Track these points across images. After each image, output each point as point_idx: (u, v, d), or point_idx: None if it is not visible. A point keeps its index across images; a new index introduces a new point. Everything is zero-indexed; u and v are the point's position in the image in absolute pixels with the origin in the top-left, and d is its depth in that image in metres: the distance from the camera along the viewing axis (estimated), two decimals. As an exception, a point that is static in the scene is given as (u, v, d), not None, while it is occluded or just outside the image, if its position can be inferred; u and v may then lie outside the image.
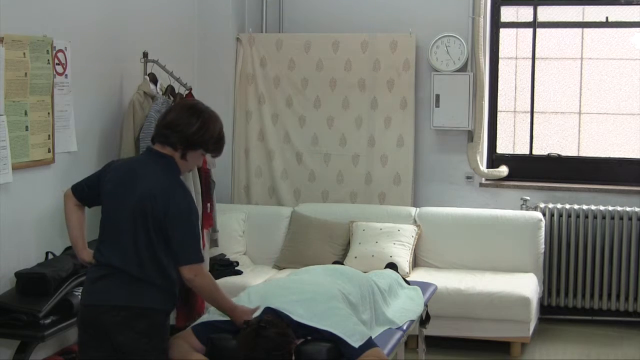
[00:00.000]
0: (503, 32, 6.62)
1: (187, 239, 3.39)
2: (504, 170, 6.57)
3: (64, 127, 4.85)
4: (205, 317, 3.67)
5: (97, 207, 3.63)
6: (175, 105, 3.64)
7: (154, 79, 5.42)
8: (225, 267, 5.84)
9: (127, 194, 3.43)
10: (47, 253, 4.60)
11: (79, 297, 3.84)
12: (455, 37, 6.37)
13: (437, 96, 6.38)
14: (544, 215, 6.23)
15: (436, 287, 4.93)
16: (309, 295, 3.61)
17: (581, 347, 5.87)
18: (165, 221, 3.37)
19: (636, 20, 6.41)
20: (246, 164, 6.72)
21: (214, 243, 5.67)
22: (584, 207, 6.27)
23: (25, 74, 4.49)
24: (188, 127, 3.46)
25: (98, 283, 3.44)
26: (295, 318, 3.47)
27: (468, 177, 6.57)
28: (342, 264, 5.50)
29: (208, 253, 5.56)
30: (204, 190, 5.45)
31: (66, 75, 4.85)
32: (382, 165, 6.53)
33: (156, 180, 3.43)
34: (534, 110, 6.62)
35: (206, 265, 5.58)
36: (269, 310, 3.51)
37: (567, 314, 6.38)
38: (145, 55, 5.45)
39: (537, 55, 6.55)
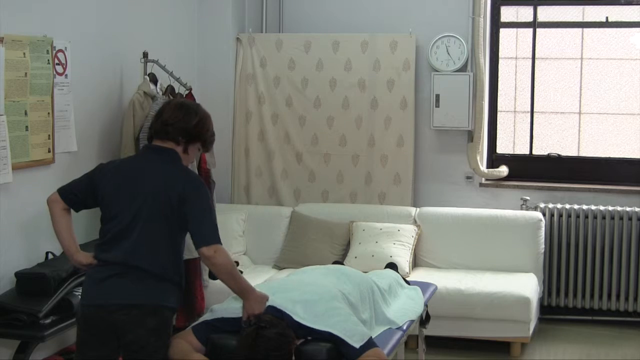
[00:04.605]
0: (503, 32, 6.62)
1: (204, 220, 3.43)
2: (504, 170, 6.57)
3: (64, 127, 4.85)
4: (205, 317, 3.67)
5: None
6: (164, 106, 3.66)
7: (154, 79, 5.42)
8: (225, 267, 5.83)
9: (138, 192, 3.45)
10: (47, 253, 4.60)
11: (79, 297, 3.84)
12: (455, 37, 6.37)
13: (437, 96, 6.38)
14: (544, 215, 6.23)
15: (436, 287, 4.93)
16: (309, 296, 3.61)
17: (581, 347, 5.87)
18: (184, 207, 3.42)
19: (636, 20, 6.41)
20: (246, 164, 6.72)
21: (214, 243, 5.67)
22: (584, 207, 6.27)
23: (25, 74, 4.49)
24: (188, 121, 3.54)
25: (106, 282, 3.44)
26: (295, 318, 3.47)
27: (468, 177, 6.57)
28: (342, 264, 5.50)
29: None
30: (204, 190, 5.45)
31: (66, 75, 4.86)
32: (382, 165, 6.53)
33: (167, 172, 3.49)
34: (534, 110, 6.61)
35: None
36: (271, 309, 3.51)
37: (567, 314, 6.37)
38: (145, 55, 5.45)
39: (537, 55, 6.55)
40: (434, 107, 6.39)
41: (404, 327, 4.08)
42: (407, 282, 4.64)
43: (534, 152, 6.64)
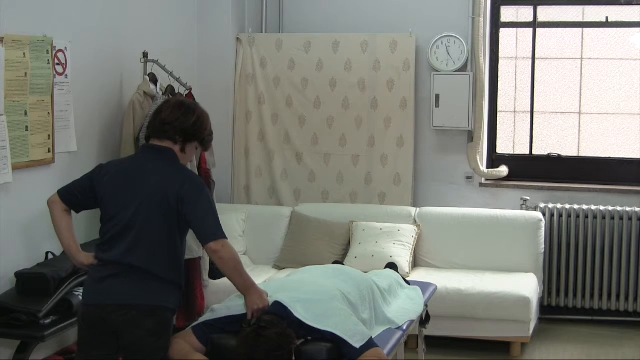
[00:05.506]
0: (503, 32, 6.62)
1: (207, 216, 3.44)
2: (504, 170, 6.57)
3: (64, 127, 4.85)
4: (205, 317, 3.67)
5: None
6: (162, 105, 3.66)
7: (154, 79, 5.42)
8: (225, 267, 5.83)
9: (137, 192, 3.45)
10: (47, 253, 4.60)
11: (79, 297, 3.84)
12: (455, 37, 6.37)
13: (437, 96, 6.38)
14: (544, 215, 6.23)
15: (436, 287, 4.93)
16: (309, 296, 3.61)
17: (581, 347, 5.87)
18: (183, 207, 3.42)
19: (636, 20, 6.41)
20: (246, 164, 6.72)
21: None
22: (584, 207, 6.27)
23: (25, 74, 4.49)
24: (186, 120, 3.54)
25: (105, 282, 3.44)
26: (297, 316, 3.47)
27: (468, 177, 6.57)
28: (342, 264, 5.50)
29: (208, 253, 5.56)
30: (204, 190, 5.45)
31: (66, 75, 4.86)
32: (382, 165, 6.53)
33: (164, 171, 3.49)
34: (534, 110, 6.61)
35: (206, 264, 5.62)
36: (276, 304, 3.51)
37: (567, 314, 6.37)
38: (145, 55, 5.45)
39: (537, 55, 6.55)
40: (434, 107, 6.39)
41: (404, 327, 4.08)
42: (407, 282, 4.64)
43: (534, 152, 6.64)
